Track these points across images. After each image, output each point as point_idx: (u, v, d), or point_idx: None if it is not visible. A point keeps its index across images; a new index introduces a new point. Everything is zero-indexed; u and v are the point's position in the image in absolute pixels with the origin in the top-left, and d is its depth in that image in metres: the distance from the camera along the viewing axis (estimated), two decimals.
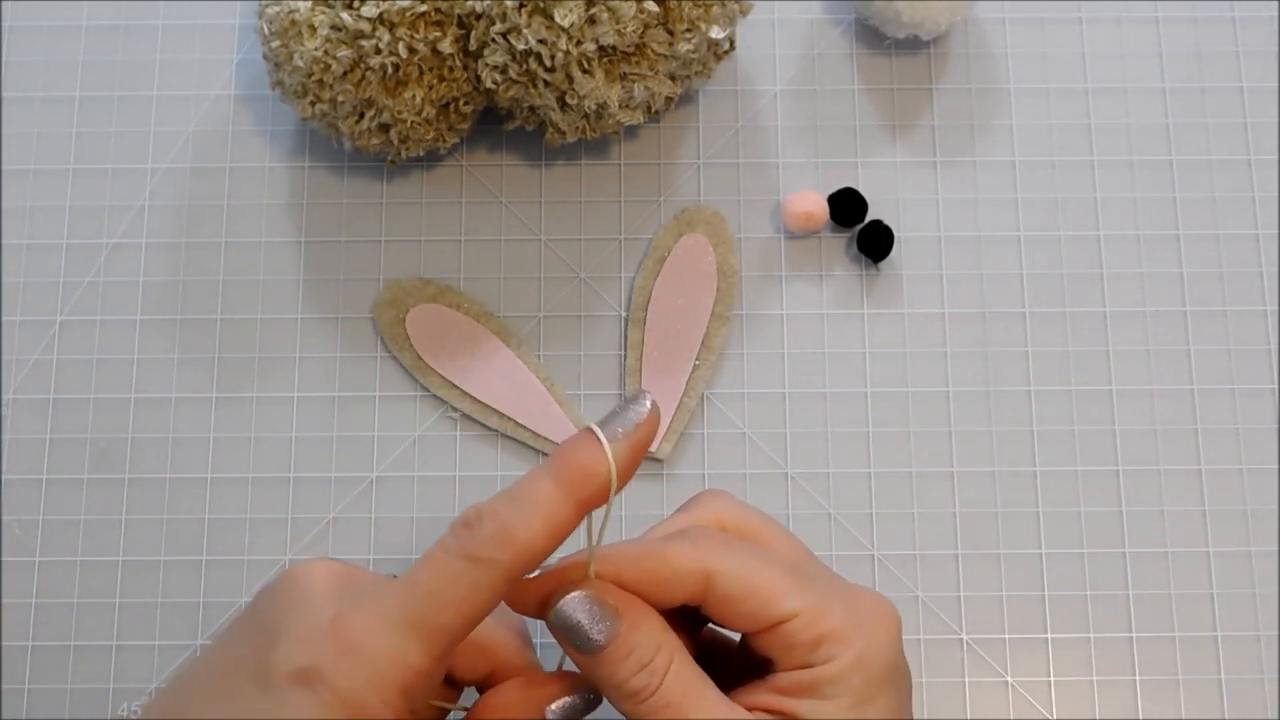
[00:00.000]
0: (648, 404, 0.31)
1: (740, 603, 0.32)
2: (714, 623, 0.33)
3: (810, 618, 0.31)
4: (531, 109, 0.47)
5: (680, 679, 0.31)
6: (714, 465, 0.47)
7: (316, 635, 0.29)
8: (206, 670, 0.32)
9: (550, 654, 0.35)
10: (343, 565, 0.32)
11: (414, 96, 0.44)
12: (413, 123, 0.45)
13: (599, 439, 0.30)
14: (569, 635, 0.31)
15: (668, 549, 0.32)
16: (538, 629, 0.42)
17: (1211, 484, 0.47)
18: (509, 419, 0.47)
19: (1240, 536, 0.46)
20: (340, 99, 0.44)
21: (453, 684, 0.35)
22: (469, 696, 0.34)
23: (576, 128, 0.47)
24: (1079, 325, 0.49)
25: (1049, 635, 0.46)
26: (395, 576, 0.32)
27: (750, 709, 0.32)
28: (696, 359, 0.47)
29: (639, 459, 0.31)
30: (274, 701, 0.29)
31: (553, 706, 0.33)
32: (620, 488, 0.31)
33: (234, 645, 0.32)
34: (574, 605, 0.31)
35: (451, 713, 0.35)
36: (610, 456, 0.30)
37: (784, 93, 0.51)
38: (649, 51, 0.44)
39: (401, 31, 0.42)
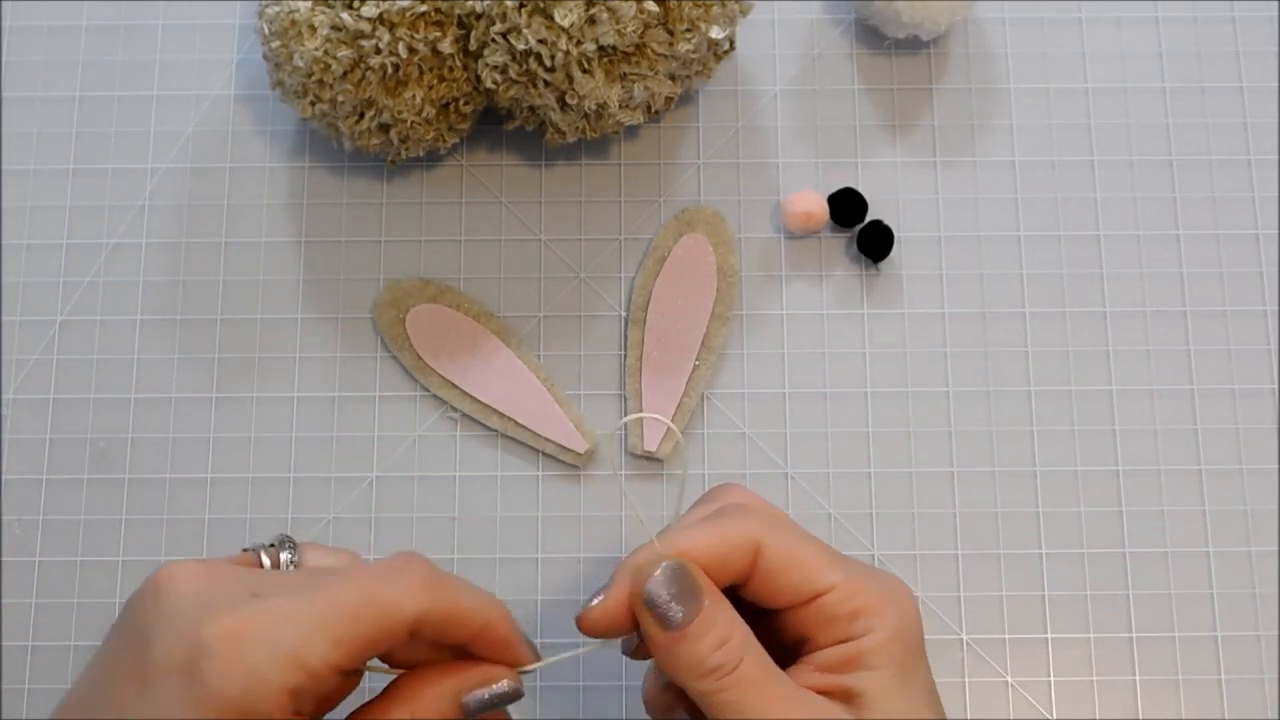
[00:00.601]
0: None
1: (785, 574, 0.32)
2: (753, 602, 0.33)
3: (848, 590, 0.32)
4: (531, 109, 0.47)
5: (759, 657, 0.32)
6: (714, 465, 0.47)
7: (193, 633, 0.29)
8: (86, 686, 0.31)
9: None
10: (205, 563, 0.31)
11: (414, 96, 0.44)
12: (413, 123, 0.45)
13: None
14: (657, 611, 0.31)
15: (719, 524, 0.33)
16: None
17: (1211, 484, 0.47)
18: (509, 419, 0.47)
19: (1240, 536, 0.46)
20: (340, 99, 0.44)
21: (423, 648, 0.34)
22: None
23: (576, 128, 0.47)
24: (1079, 325, 0.49)
25: (1049, 635, 0.46)
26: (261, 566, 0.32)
27: None
28: (696, 359, 0.47)
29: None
30: (151, 701, 0.29)
31: (470, 696, 0.32)
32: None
33: (109, 656, 0.31)
34: (662, 581, 0.31)
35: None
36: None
37: (784, 93, 0.51)
38: (649, 51, 0.44)
39: (401, 31, 0.42)
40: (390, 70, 0.43)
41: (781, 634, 0.33)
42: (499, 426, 0.47)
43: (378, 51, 0.43)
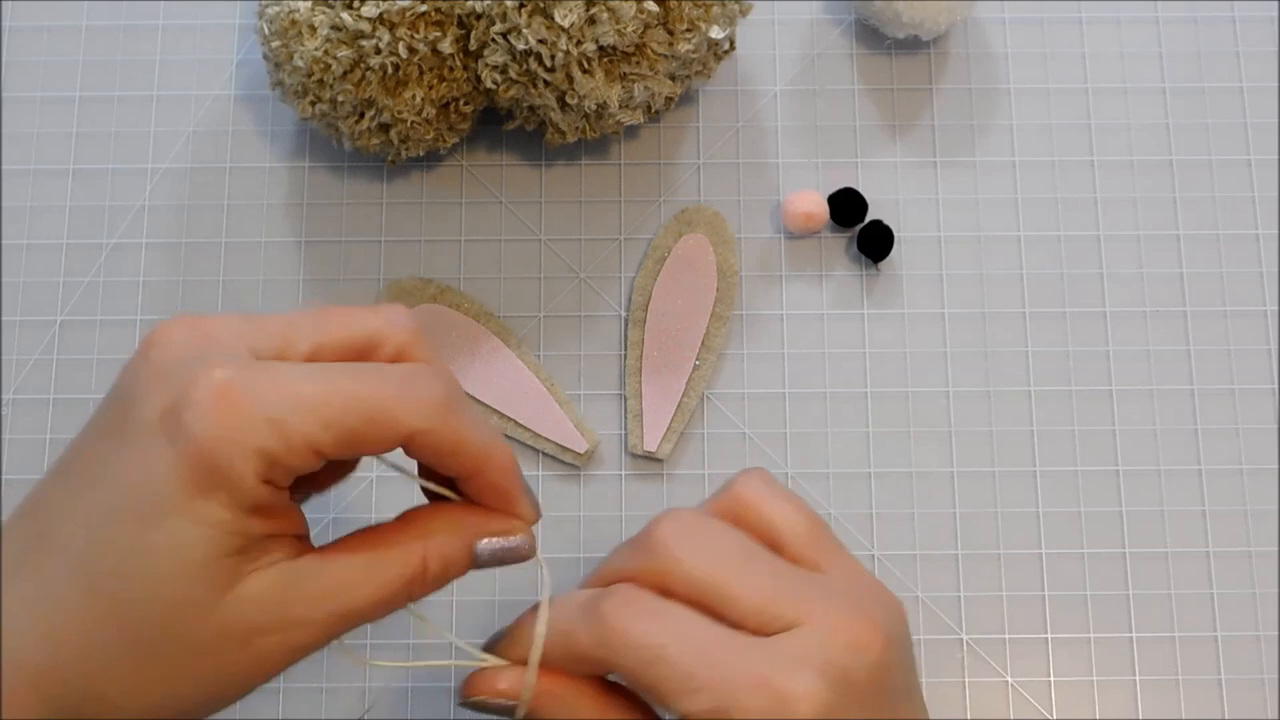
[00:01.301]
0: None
1: (644, 693, 0.30)
2: None
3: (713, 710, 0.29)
4: (531, 109, 0.47)
5: None
6: (714, 465, 0.47)
7: (180, 386, 0.28)
8: (70, 448, 0.30)
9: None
10: (204, 319, 0.30)
11: (414, 96, 0.44)
12: (413, 123, 0.45)
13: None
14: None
15: (574, 639, 0.31)
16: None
17: (1211, 484, 0.47)
18: (509, 419, 0.47)
19: (1240, 536, 0.46)
20: (340, 99, 0.44)
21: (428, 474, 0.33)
22: None
23: (576, 128, 0.47)
24: (1079, 325, 0.49)
25: (1049, 635, 0.46)
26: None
27: None
28: (696, 359, 0.47)
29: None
30: (127, 452, 0.28)
31: (484, 543, 0.31)
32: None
33: (95, 416, 0.30)
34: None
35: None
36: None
37: (784, 93, 0.51)
38: (649, 51, 0.44)
39: (401, 31, 0.42)
40: (390, 70, 0.43)
41: None
42: (499, 426, 0.47)
43: (378, 51, 0.43)
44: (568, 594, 0.33)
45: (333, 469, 0.33)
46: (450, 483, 0.32)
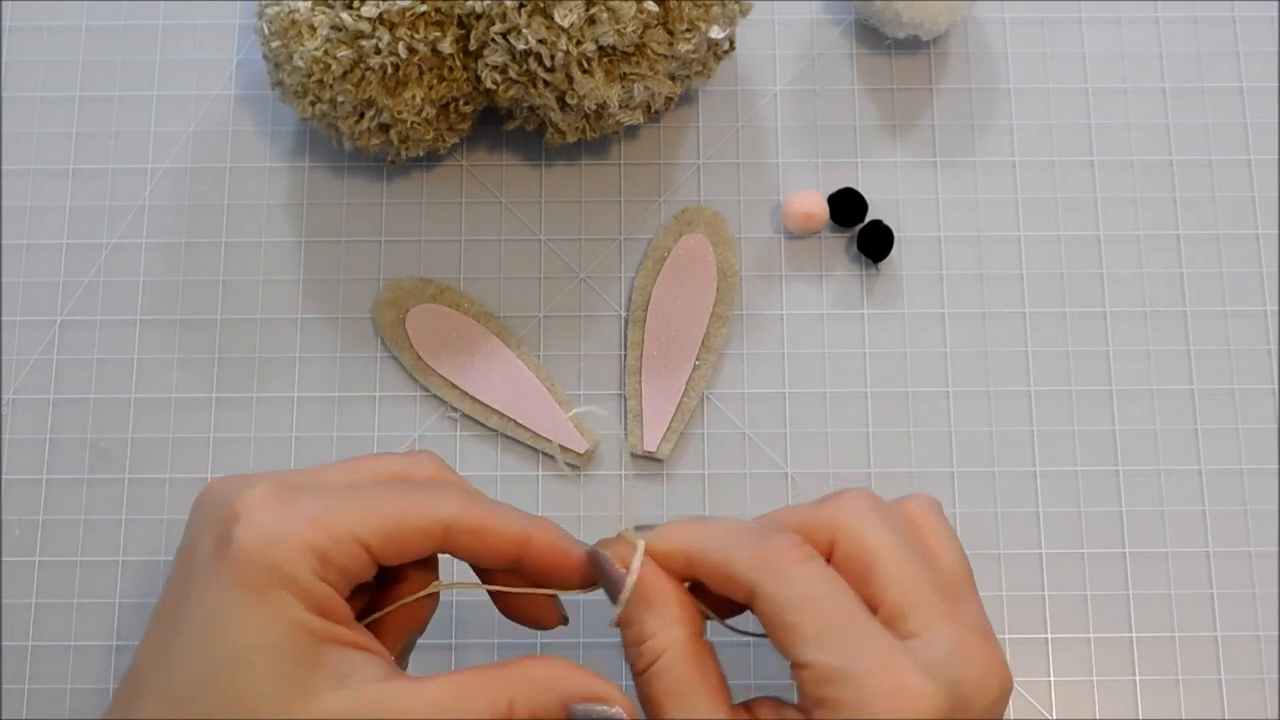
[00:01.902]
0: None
1: (772, 631, 0.31)
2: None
3: (820, 674, 0.30)
4: (531, 109, 0.47)
5: (668, 675, 0.31)
6: (714, 465, 0.47)
7: (227, 507, 0.30)
8: (153, 615, 0.31)
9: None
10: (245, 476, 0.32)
11: (414, 96, 0.44)
12: (413, 123, 0.45)
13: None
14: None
15: (731, 558, 0.32)
16: None
17: (1211, 484, 0.47)
18: (509, 419, 0.47)
19: (1240, 536, 0.46)
20: (340, 99, 0.44)
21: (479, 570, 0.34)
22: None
23: (576, 128, 0.47)
24: (1079, 325, 0.49)
25: (1049, 635, 0.46)
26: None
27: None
28: (696, 359, 0.47)
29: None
30: (191, 585, 0.29)
31: (579, 706, 0.31)
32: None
33: (168, 578, 0.31)
34: (593, 557, 0.33)
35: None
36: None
37: (784, 93, 0.51)
38: (649, 51, 0.44)
39: (401, 31, 0.42)
40: (390, 70, 0.43)
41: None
42: (499, 426, 0.47)
43: (378, 51, 0.43)
44: (733, 519, 0.34)
45: (413, 611, 0.34)
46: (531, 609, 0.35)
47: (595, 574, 0.33)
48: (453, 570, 0.37)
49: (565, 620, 0.36)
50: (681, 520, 0.33)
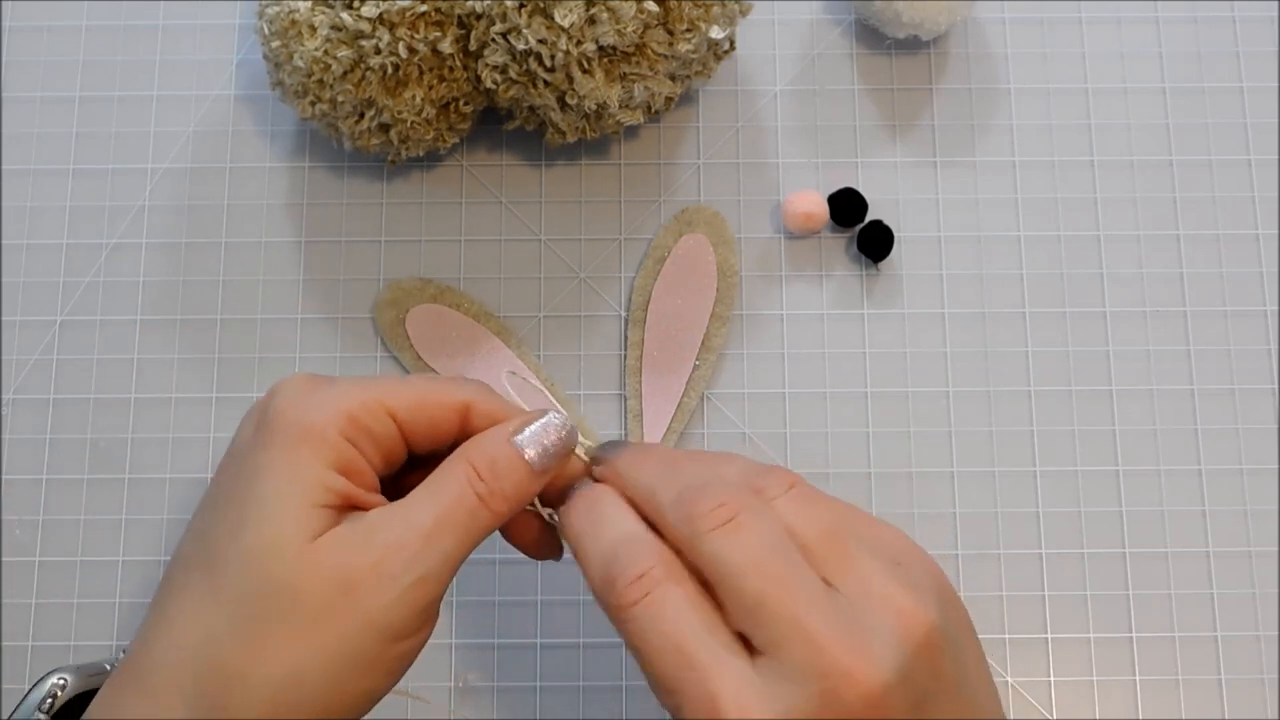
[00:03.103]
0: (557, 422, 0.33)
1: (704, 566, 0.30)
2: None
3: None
4: (531, 109, 0.47)
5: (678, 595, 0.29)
6: None
7: (266, 400, 0.32)
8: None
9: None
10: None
11: (414, 96, 0.44)
12: (413, 123, 0.45)
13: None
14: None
15: (655, 498, 0.31)
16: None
17: (1211, 484, 0.47)
18: None
19: (1240, 536, 0.46)
20: (340, 99, 0.44)
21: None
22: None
23: (576, 128, 0.47)
24: (1079, 325, 0.49)
25: (1049, 635, 0.46)
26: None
27: None
28: (696, 359, 0.47)
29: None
30: (240, 469, 0.31)
31: (522, 436, 0.32)
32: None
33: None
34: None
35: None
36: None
37: (784, 93, 0.51)
38: (649, 51, 0.44)
39: (401, 31, 0.42)
40: (390, 70, 0.43)
41: None
42: None
43: (378, 51, 0.43)
44: (653, 447, 0.34)
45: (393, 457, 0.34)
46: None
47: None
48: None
49: (561, 554, 0.35)
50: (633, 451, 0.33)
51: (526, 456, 0.32)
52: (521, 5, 0.42)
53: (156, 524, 0.47)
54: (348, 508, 0.30)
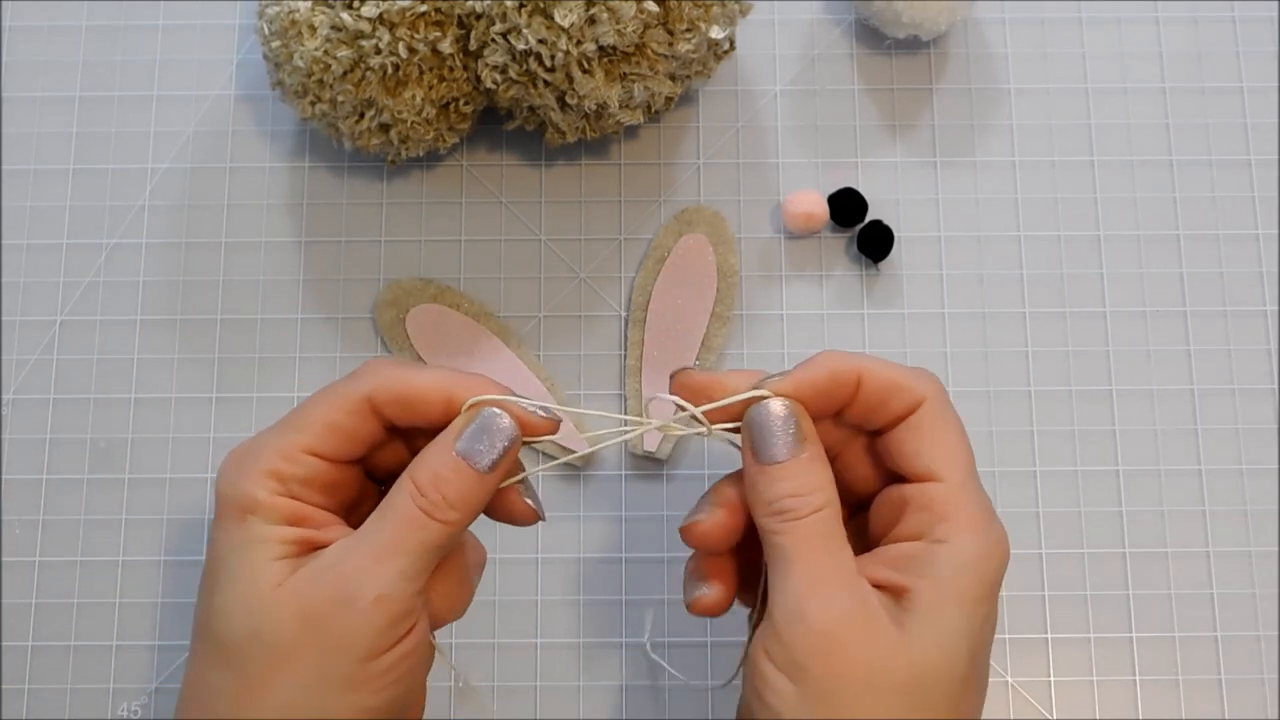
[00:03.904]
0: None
1: (885, 395, 0.33)
2: (860, 425, 0.34)
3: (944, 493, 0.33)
4: (531, 109, 0.47)
5: (829, 522, 0.32)
6: (714, 465, 0.47)
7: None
8: None
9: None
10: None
11: (414, 96, 0.44)
12: (413, 123, 0.45)
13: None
14: (758, 438, 0.33)
15: (827, 359, 0.34)
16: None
17: (1211, 484, 0.47)
18: None
19: (1240, 536, 0.46)
20: (340, 99, 0.44)
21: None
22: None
23: (576, 128, 0.47)
24: (1079, 325, 0.49)
25: (1049, 635, 0.46)
26: None
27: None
28: (696, 359, 0.47)
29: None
30: (212, 539, 0.33)
31: (459, 442, 0.33)
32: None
33: None
34: (774, 414, 0.33)
35: None
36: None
37: (784, 93, 0.51)
38: (649, 51, 0.44)
39: (401, 31, 0.42)
40: (390, 70, 0.43)
41: (870, 529, 0.34)
42: None
43: (378, 51, 0.43)
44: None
45: (345, 476, 0.34)
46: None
47: (754, 431, 0.33)
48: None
49: (543, 517, 0.36)
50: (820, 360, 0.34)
51: (471, 462, 0.32)
52: (521, 5, 0.42)
53: (156, 524, 0.47)
54: (308, 548, 0.32)
